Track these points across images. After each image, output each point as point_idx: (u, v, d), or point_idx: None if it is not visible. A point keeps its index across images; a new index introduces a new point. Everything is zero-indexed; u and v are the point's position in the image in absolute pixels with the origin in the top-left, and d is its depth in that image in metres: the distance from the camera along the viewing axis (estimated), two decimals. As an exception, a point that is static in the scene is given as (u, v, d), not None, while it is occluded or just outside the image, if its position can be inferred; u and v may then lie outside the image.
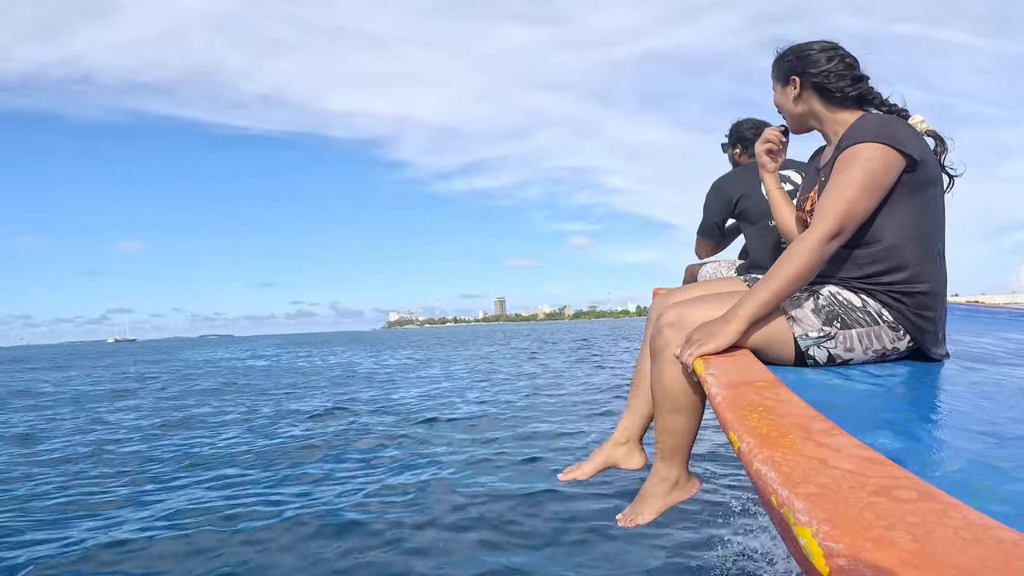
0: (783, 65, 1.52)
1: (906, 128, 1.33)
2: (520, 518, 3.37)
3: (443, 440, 5.62)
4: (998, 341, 1.93)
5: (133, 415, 8.35)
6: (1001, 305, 2.83)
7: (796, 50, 1.50)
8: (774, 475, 0.57)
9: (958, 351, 1.61)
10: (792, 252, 1.27)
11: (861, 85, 1.45)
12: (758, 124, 2.62)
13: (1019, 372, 1.39)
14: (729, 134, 2.72)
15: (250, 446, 5.68)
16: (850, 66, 1.45)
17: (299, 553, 2.97)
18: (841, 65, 1.44)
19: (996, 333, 2.16)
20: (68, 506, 3.92)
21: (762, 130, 2.36)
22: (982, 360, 1.54)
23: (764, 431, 0.70)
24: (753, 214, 2.43)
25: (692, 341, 1.24)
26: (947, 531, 0.43)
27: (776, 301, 1.27)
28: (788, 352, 1.32)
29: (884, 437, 0.83)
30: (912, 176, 1.30)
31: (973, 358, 1.56)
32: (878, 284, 1.34)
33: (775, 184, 1.67)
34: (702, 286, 1.72)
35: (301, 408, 8.25)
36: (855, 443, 0.65)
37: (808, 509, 0.48)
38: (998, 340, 1.96)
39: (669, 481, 1.45)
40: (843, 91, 1.44)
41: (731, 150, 2.71)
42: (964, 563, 0.39)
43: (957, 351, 1.60)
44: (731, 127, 2.71)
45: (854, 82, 1.44)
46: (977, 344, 1.84)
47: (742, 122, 2.68)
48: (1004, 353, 1.69)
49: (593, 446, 2.83)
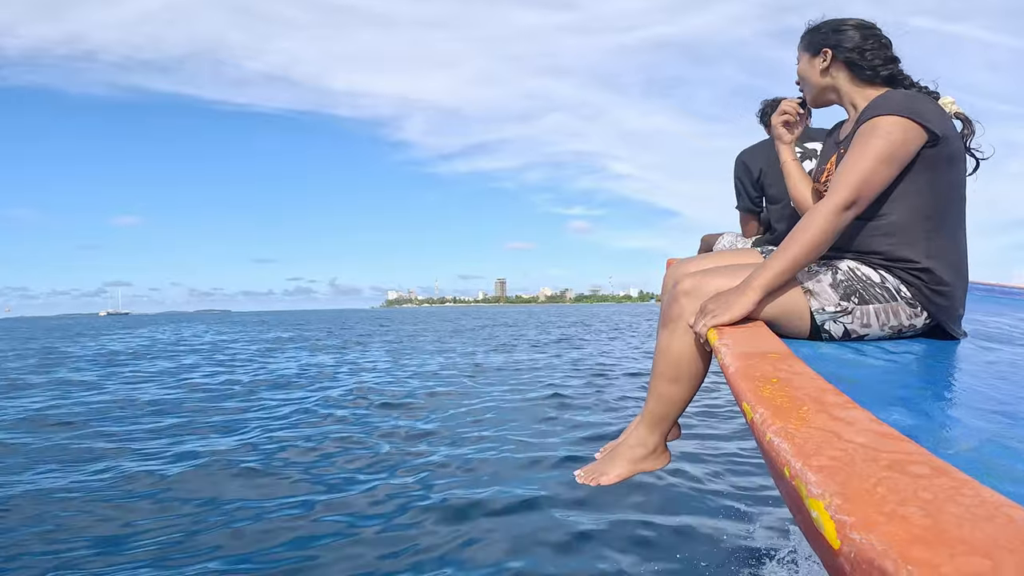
0: (816, 36, 1.49)
1: (932, 105, 1.30)
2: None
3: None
4: (1015, 322, 1.91)
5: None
6: (1020, 287, 2.79)
7: (832, 23, 1.47)
8: (787, 447, 0.57)
9: (975, 330, 1.60)
10: (806, 222, 1.26)
11: (892, 66, 1.43)
12: (778, 103, 2.53)
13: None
14: (760, 112, 2.63)
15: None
16: (884, 46, 1.43)
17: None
18: (876, 44, 1.42)
19: (1014, 314, 2.14)
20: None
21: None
22: (999, 340, 1.53)
23: (778, 403, 0.70)
24: (773, 192, 2.40)
25: (707, 311, 1.23)
26: (959, 508, 0.43)
27: (792, 271, 1.26)
28: (804, 325, 1.31)
29: (897, 413, 0.83)
30: (934, 152, 1.28)
31: (990, 337, 1.55)
32: (896, 259, 1.33)
33: (791, 156, 1.66)
34: (718, 256, 1.71)
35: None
36: (869, 417, 0.65)
37: (820, 482, 0.48)
38: (1015, 320, 1.94)
39: (646, 448, 1.45)
40: (875, 69, 1.42)
41: (761, 123, 2.63)
42: (975, 540, 0.39)
43: (974, 330, 1.58)
44: (762, 105, 2.62)
45: (886, 62, 1.42)
46: (995, 324, 1.83)
47: (769, 101, 2.58)
48: (1021, 334, 1.68)
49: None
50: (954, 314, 1.37)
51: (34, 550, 2.80)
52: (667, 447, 1.49)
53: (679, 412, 1.41)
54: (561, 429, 5.04)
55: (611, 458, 1.49)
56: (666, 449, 1.48)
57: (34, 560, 2.70)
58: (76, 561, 2.67)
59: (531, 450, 4.31)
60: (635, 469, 1.47)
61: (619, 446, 1.51)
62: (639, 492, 3.34)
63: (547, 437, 4.73)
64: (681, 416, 1.45)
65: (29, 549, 2.81)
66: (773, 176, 2.39)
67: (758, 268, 1.27)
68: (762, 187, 2.48)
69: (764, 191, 2.49)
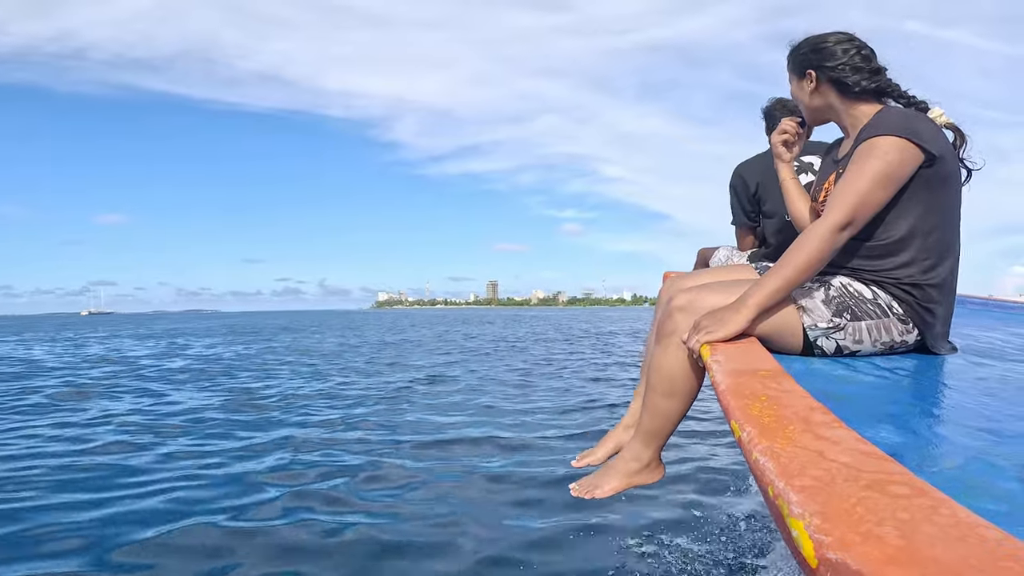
0: (798, 58, 1.50)
1: (927, 123, 1.32)
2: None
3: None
4: (1007, 336, 1.93)
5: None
6: (1015, 300, 2.81)
7: (811, 42, 1.47)
8: (772, 466, 0.58)
9: (966, 345, 1.61)
10: (802, 241, 1.27)
11: (879, 77, 1.43)
12: (790, 107, 2.49)
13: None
14: (763, 109, 2.57)
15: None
16: (867, 58, 1.43)
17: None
18: (858, 57, 1.42)
19: (1007, 328, 2.16)
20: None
21: (787, 110, 2.32)
22: (990, 355, 1.55)
23: (765, 421, 0.72)
24: (769, 207, 2.41)
25: (700, 327, 1.25)
26: (934, 528, 0.45)
27: (787, 290, 1.28)
28: (796, 341, 1.33)
29: (885, 431, 0.84)
30: (930, 171, 1.30)
31: (981, 353, 1.56)
32: (889, 276, 1.34)
33: (790, 174, 1.67)
34: (713, 272, 1.73)
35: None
36: (854, 436, 0.66)
37: (802, 501, 0.50)
38: (1007, 335, 1.95)
39: (640, 462, 1.46)
40: (860, 84, 1.42)
41: (766, 126, 2.57)
42: (947, 560, 0.41)
43: (965, 345, 1.60)
44: (767, 104, 2.56)
45: (871, 74, 1.42)
46: (987, 339, 1.84)
47: (774, 101, 2.53)
48: (1013, 349, 1.69)
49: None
50: (941, 331, 1.39)
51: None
52: (661, 460, 1.50)
53: (674, 426, 1.42)
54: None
55: (606, 472, 1.50)
56: (660, 463, 1.50)
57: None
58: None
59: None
60: (629, 483, 1.48)
61: (615, 459, 1.52)
62: (632, 504, 3.35)
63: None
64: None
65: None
66: (770, 190, 2.40)
67: (753, 286, 1.28)
68: (758, 201, 2.49)
69: (760, 205, 2.50)
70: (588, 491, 1.48)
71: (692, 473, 3.97)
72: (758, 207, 2.51)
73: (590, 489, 1.48)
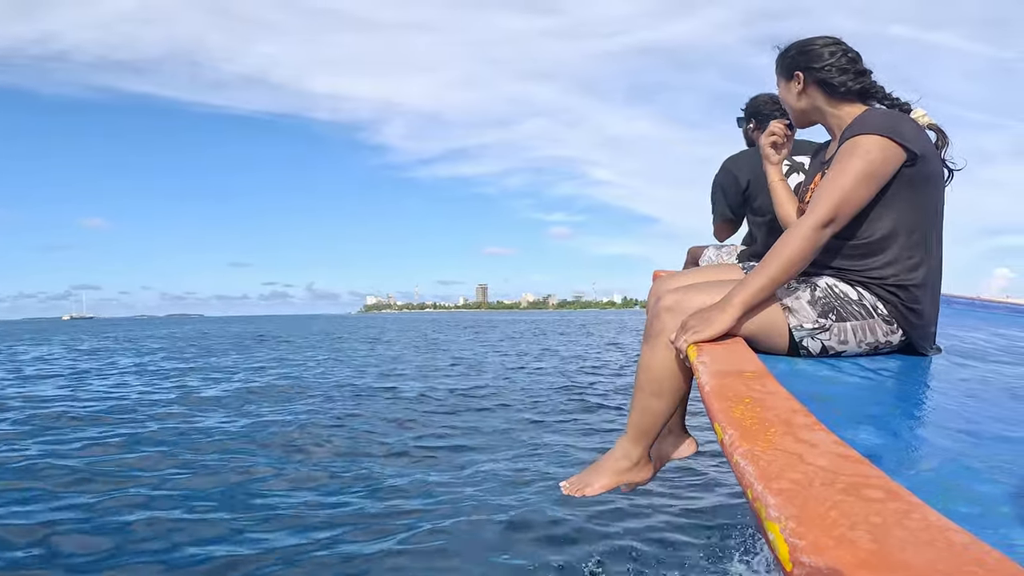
0: (786, 61, 1.52)
1: (909, 123, 1.33)
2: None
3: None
4: (991, 337, 1.95)
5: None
6: (999, 300, 2.84)
7: (799, 46, 1.50)
8: (751, 469, 0.60)
9: (951, 346, 1.63)
10: (786, 239, 1.29)
11: (864, 79, 1.45)
12: (777, 99, 2.50)
13: (1007, 370, 1.42)
14: (745, 108, 2.61)
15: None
16: (853, 60, 1.46)
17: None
18: (844, 60, 1.45)
19: (991, 328, 2.18)
20: None
21: (780, 106, 2.32)
22: (973, 356, 1.57)
23: (747, 424, 0.73)
24: (758, 204, 2.40)
25: (687, 328, 1.26)
26: (905, 532, 0.46)
27: (771, 288, 1.29)
28: (782, 341, 1.34)
29: (865, 432, 0.86)
30: (912, 171, 1.32)
31: (964, 354, 1.58)
32: (874, 277, 1.36)
33: (778, 176, 1.69)
34: (702, 272, 1.74)
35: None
36: (833, 439, 0.67)
37: (779, 505, 0.51)
38: (990, 336, 1.98)
39: (630, 460, 1.48)
40: (846, 85, 1.45)
41: (746, 125, 2.62)
42: (916, 564, 0.42)
43: (950, 346, 1.62)
44: (748, 101, 2.60)
45: (857, 76, 1.45)
46: (971, 339, 1.87)
47: (759, 97, 2.57)
48: (995, 350, 1.72)
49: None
50: (926, 332, 1.41)
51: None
52: (651, 459, 1.51)
53: (662, 425, 1.43)
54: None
55: (596, 470, 1.52)
56: (650, 461, 1.51)
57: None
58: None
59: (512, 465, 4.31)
60: (619, 481, 1.49)
61: (604, 458, 1.54)
62: (622, 502, 3.37)
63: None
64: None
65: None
66: (761, 187, 2.39)
67: (738, 285, 1.29)
68: (748, 197, 2.48)
69: (750, 202, 2.49)
70: (578, 489, 1.50)
71: (689, 473, 4.00)
72: (746, 204, 2.51)
73: (580, 487, 1.50)
